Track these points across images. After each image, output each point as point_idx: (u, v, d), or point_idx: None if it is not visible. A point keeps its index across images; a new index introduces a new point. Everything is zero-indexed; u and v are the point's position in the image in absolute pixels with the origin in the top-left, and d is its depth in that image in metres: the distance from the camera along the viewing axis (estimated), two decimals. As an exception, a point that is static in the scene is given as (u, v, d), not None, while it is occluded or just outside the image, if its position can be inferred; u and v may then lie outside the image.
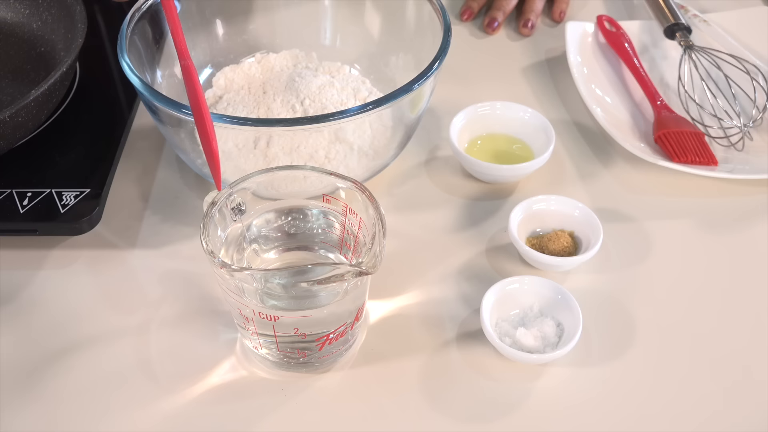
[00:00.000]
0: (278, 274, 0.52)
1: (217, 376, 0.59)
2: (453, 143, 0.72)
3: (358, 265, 0.51)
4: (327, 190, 0.58)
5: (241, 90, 0.75)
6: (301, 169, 0.57)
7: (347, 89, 0.75)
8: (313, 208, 0.59)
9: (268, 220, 0.59)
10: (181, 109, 0.62)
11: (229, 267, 0.52)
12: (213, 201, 0.56)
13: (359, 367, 0.59)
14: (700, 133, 0.75)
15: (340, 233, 0.59)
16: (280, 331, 0.54)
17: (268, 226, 0.59)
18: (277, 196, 0.60)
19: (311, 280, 0.51)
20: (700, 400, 0.58)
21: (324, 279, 0.50)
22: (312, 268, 0.52)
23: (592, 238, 0.65)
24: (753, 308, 0.64)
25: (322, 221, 0.59)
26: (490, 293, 0.60)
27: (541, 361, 0.58)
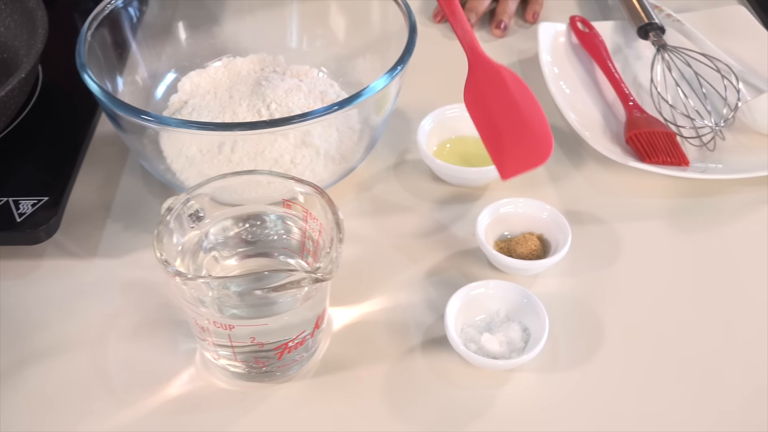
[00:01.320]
0: (234, 281, 0.51)
1: (175, 388, 0.57)
2: (421, 146, 0.70)
3: (314, 271, 0.49)
4: (289, 196, 0.57)
5: (206, 95, 0.74)
6: (258, 174, 0.55)
7: (315, 92, 0.73)
8: (272, 214, 0.57)
9: (226, 227, 0.58)
10: (140, 115, 0.60)
11: (183, 276, 0.50)
12: (169, 207, 0.54)
13: (322, 375, 0.58)
14: (672, 133, 0.73)
15: (301, 238, 0.57)
16: (237, 341, 0.53)
17: (227, 233, 0.58)
18: (239, 201, 0.59)
19: (265, 288, 0.49)
20: (668, 404, 0.56)
21: (278, 286, 0.49)
22: (269, 274, 0.51)
23: (560, 240, 0.64)
24: (722, 310, 0.62)
25: (280, 227, 0.58)
26: (454, 299, 0.59)
27: (506, 366, 0.57)
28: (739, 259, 0.66)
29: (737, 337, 0.60)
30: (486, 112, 0.61)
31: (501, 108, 0.61)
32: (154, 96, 0.74)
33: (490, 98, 0.61)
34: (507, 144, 0.60)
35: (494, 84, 0.61)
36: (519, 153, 0.60)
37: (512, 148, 0.60)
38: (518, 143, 0.60)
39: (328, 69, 0.77)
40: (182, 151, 0.67)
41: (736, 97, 0.74)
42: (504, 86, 0.61)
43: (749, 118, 0.74)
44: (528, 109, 0.60)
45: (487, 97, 0.61)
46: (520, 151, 0.60)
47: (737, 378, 0.58)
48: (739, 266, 0.66)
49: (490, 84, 0.61)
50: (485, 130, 0.61)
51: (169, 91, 0.75)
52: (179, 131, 0.63)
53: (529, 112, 0.60)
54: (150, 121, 0.60)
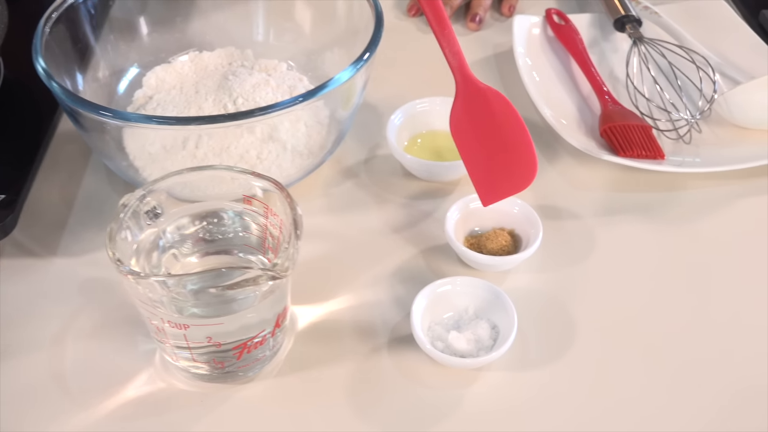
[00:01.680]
0: (188, 279, 0.49)
1: (133, 389, 0.55)
2: (390, 141, 0.69)
3: (270, 268, 0.48)
4: (249, 191, 0.55)
5: (172, 90, 0.72)
6: (215, 170, 0.54)
7: (283, 87, 0.72)
8: (230, 211, 0.56)
9: (184, 224, 0.56)
10: (99, 111, 0.59)
11: (136, 275, 0.48)
12: (123, 204, 0.53)
13: (285, 375, 0.56)
14: (647, 126, 0.72)
15: (261, 235, 0.56)
16: (193, 341, 0.51)
17: (185, 231, 0.56)
18: (199, 198, 0.57)
19: (220, 286, 0.48)
20: (641, 402, 0.55)
21: (233, 284, 0.47)
22: (226, 272, 0.49)
23: (532, 236, 0.62)
24: (698, 306, 0.61)
25: (238, 224, 0.56)
26: (421, 296, 0.57)
27: (474, 365, 0.55)
28: (715, 254, 0.65)
29: (713, 333, 0.59)
30: (471, 138, 0.61)
31: (487, 133, 0.61)
32: (117, 92, 0.72)
33: (476, 124, 0.61)
34: (491, 170, 0.60)
35: (481, 109, 0.61)
36: (502, 179, 0.60)
37: (495, 175, 0.60)
38: (502, 169, 0.60)
39: (297, 63, 0.76)
40: (145, 148, 0.65)
41: (712, 89, 0.73)
42: (491, 111, 0.61)
43: (725, 110, 0.72)
44: (513, 134, 0.60)
45: (473, 123, 0.61)
46: (503, 177, 0.60)
47: (712, 374, 0.56)
48: (715, 261, 0.64)
49: (477, 109, 0.61)
50: (469, 157, 0.61)
51: (132, 86, 0.73)
52: (138, 126, 0.61)
53: (515, 137, 0.60)
54: (107, 116, 0.58)
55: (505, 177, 0.60)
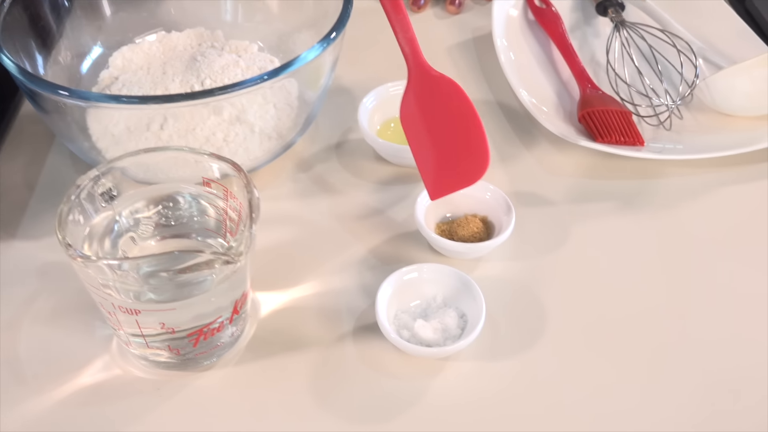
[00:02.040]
0: (140, 263, 0.47)
1: (88, 376, 0.54)
2: (362, 125, 0.67)
3: (224, 252, 0.46)
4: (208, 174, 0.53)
5: (139, 71, 0.70)
6: (172, 151, 0.52)
7: (253, 68, 0.70)
8: (186, 194, 0.54)
9: (141, 207, 0.54)
10: (57, 90, 0.57)
11: (86, 258, 0.47)
12: (77, 185, 0.51)
13: (245, 363, 0.55)
14: (627, 111, 0.70)
15: (220, 218, 0.54)
16: (146, 327, 0.49)
17: (142, 213, 0.54)
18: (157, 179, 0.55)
19: (172, 270, 0.46)
20: (614, 394, 0.53)
21: (185, 268, 0.45)
22: (179, 255, 0.48)
23: (504, 222, 0.61)
24: (677, 298, 0.59)
25: (195, 208, 0.54)
26: (386, 284, 0.56)
27: (440, 354, 0.54)
28: (695, 244, 0.63)
29: (690, 324, 0.57)
30: (422, 128, 0.59)
31: (438, 124, 0.59)
32: (80, 72, 0.71)
33: (428, 113, 0.59)
34: (440, 163, 0.58)
35: (434, 98, 0.59)
36: (451, 172, 0.59)
37: (445, 167, 0.59)
38: (452, 162, 0.58)
39: (268, 45, 0.74)
40: (109, 129, 0.63)
41: (693, 73, 0.71)
42: (443, 100, 0.59)
43: (707, 96, 0.71)
44: (466, 125, 0.58)
45: (425, 112, 0.59)
46: (453, 170, 0.58)
47: (690, 367, 0.55)
48: (695, 251, 0.63)
49: (429, 98, 0.59)
50: (418, 148, 0.59)
51: (97, 67, 0.71)
52: (97, 106, 0.59)
53: (468, 128, 0.58)
54: (65, 95, 0.57)
55: (455, 170, 0.58)
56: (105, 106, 0.58)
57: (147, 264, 0.47)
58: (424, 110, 0.59)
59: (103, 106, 0.59)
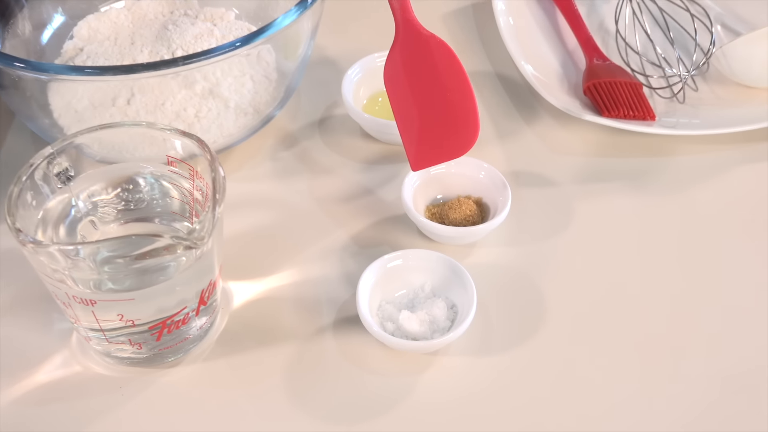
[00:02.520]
0: (94, 248, 0.46)
1: (45, 373, 0.53)
2: (346, 99, 0.66)
3: (186, 236, 0.45)
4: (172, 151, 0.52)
5: (105, 41, 0.69)
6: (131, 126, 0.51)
7: (229, 38, 0.69)
8: (148, 174, 0.53)
9: (98, 190, 0.53)
10: (14, 62, 0.56)
11: (37, 243, 0.46)
12: (30, 164, 0.50)
13: (215, 359, 0.54)
14: (637, 83, 0.69)
15: (187, 200, 0.53)
16: (103, 319, 0.48)
17: (101, 195, 0.53)
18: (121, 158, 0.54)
19: (129, 256, 0.45)
20: (617, 393, 0.52)
21: (142, 254, 0.44)
22: (136, 240, 0.47)
23: (500, 204, 0.59)
24: (689, 287, 0.58)
25: (157, 189, 0.53)
26: (368, 272, 0.54)
27: (427, 349, 0.53)
28: (710, 227, 0.62)
29: (702, 315, 0.56)
30: (407, 92, 0.58)
31: (425, 88, 0.57)
32: (40, 43, 0.69)
33: (414, 76, 0.58)
34: (426, 131, 0.57)
35: (422, 59, 0.57)
36: (437, 142, 0.57)
37: (430, 136, 0.57)
38: (438, 131, 0.57)
39: (246, 12, 0.72)
40: (71, 105, 0.63)
41: (709, 41, 0.70)
42: (432, 62, 0.57)
43: (724, 65, 0.69)
44: (456, 92, 0.57)
45: (411, 75, 0.58)
46: (439, 140, 0.57)
47: (699, 360, 0.54)
48: (710, 235, 0.61)
49: (417, 59, 0.58)
50: (402, 114, 0.58)
51: (60, 38, 0.70)
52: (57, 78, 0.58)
53: (457, 95, 0.57)
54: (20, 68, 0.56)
55: (441, 140, 0.57)
56: (65, 78, 0.57)
57: (102, 249, 0.46)
58: (410, 72, 0.57)
59: (64, 79, 0.58)
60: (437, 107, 0.57)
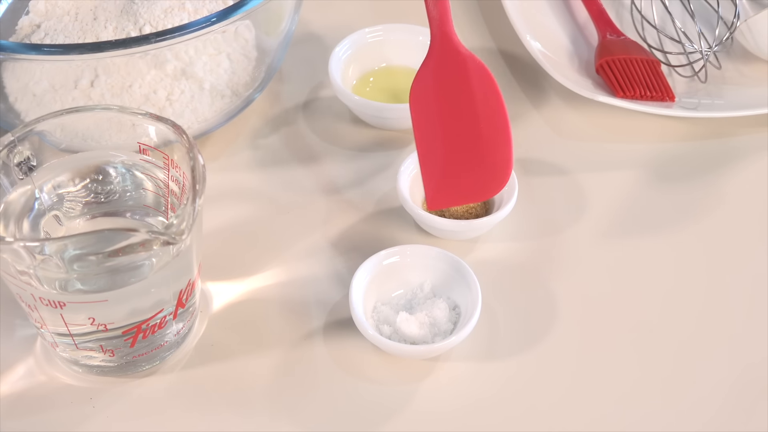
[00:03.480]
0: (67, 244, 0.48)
1: (7, 384, 0.55)
2: (334, 79, 0.68)
3: (163, 231, 0.46)
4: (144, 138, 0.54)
5: (65, 16, 0.71)
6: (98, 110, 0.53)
7: (202, 12, 0.70)
8: (118, 164, 0.54)
9: (65, 181, 0.55)
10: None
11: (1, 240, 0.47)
12: (-12, 153, 0.52)
13: (194, 367, 0.55)
14: (654, 60, 0.71)
15: (162, 192, 0.54)
16: (73, 323, 0.50)
17: (67, 187, 0.55)
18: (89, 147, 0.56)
19: (101, 253, 0.46)
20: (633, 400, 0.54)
21: (115, 250, 0.46)
22: (109, 235, 0.48)
23: (505, 195, 0.61)
24: (709, 284, 0.60)
25: (128, 180, 0.55)
26: (362, 270, 0.56)
27: (427, 354, 0.55)
28: (734, 220, 0.64)
29: (728, 318, 0.58)
30: (434, 116, 0.58)
31: (455, 114, 0.58)
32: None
33: (445, 98, 0.58)
34: (449, 164, 0.58)
35: (456, 81, 0.58)
36: (462, 179, 0.58)
37: (453, 171, 0.58)
38: (463, 165, 0.58)
39: (222, -17, 0.74)
40: (29, 87, 0.64)
41: (733, 13, 0.72)
42: (467, 86, 0.58)
43: (749, 40, 0.71)
44: (490, 122, 0.57)
45: (441, 97, 0.58)
46: (464, 177, 0.58)
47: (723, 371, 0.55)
48: (734, 228, 0.63)
49: (450, 80, 0.58)
50: (424, 140, 0.58)
51: (15, 13, 0.71)
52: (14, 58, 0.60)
53: (491, 127, 0.57)
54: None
55: (467, 176, 0.57)
56: (22, 57, 0.59)
57: (72, 246, 0.48)
58: (441, 94, 0.58)
59: (20, 58, 0.59)
60: (467, 138, 0.57)
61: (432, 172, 0.58)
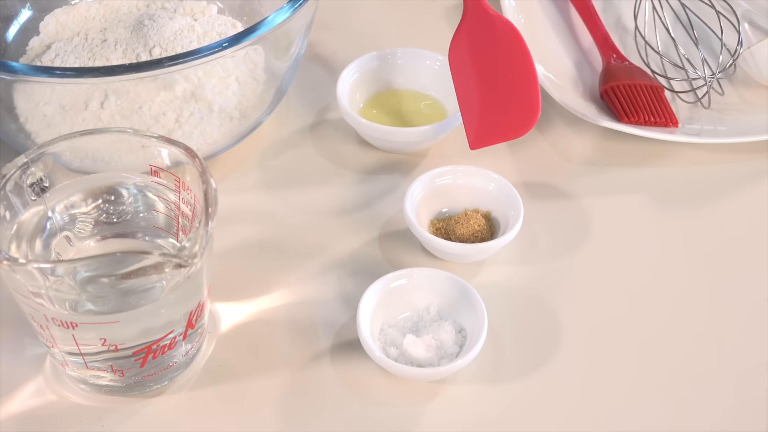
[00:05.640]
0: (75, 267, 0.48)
1: (18, 402, 0.55)
2: (342, 102, 0.68)
3: (176, 254, 0.47)
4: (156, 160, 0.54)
5: (75, 37, 0.72)
6: (110, 133, 0.53)
7: (212, 35, 0.71)
8: (130, 185, 0.55)
9: (76, 202, 0.55)
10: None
11: (13, 261, 0.48)
12: (2, 175, 0.52)
13: (202, 388, 0.56)
14: (658, 86, 0.72)
15: (172, 214, 0.55)
16: (84, 343, 0.51)
17: (79, 208, 0.56)
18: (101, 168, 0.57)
19: (113, 275, 0.47)
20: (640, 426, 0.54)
21: (128, 273, 0.46)
22: (122, 258, 0.49)
23: (511, 219, 0.62)
24: (717, 309, 0.61)
25: (140, 201, 0.55)
26: (370, 292, 0.57)
27: (434, 376, 0.55)
28: (736, 246, 0.65)
29: (733, 343, 0.59)
30: (470, 70, 0.65)
31: (488, 68, 0.65)
32: (5, 40, 0.72)
33: (478, 55, 0.65)
34: (485, 110, 0.65)
35: (488, 40, 0.65)
36: (497, 121, 0.65)
37: (490, 116, 0.64)
38: (498, 110, 0.64)
39: (230, 6, 0.75)
40: (39, 108, 0.65)
41: (736, 40, 0.73)
42: (497, 42, 0.65)
43: (752, 67, 0.72)
44: (519, 72, 0.64)
45: (475, 54, 0.65)
46: (499, 119, 0.65)
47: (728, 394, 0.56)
48: (735, 254, 0.64)
49: (483, 39, 0.65)
50: (463, 92, 0.65)
51: (26, 33, 0.72)
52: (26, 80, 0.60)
53: (520, 75, 0.64)
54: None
55: (501, 119, 0.64)
56: (33, 80, 0.59)
57: (85, 268, 0.48)
58: (475, 52, 0.65)
59: (32, 80, 0.60)
60: (500, 88, 0.64)
61: (471, 118, 0.65)
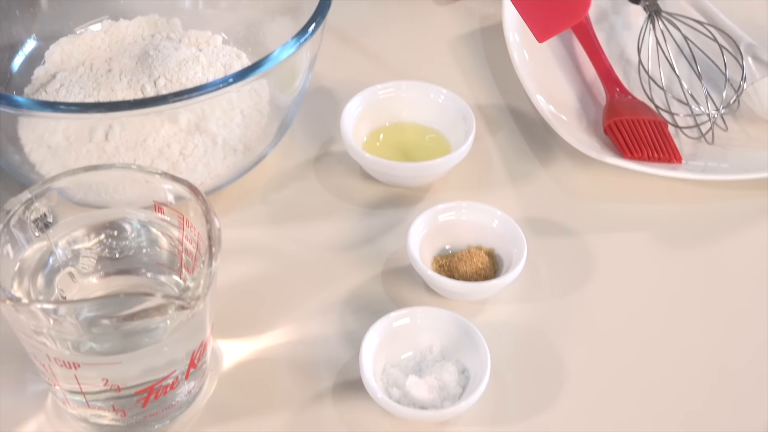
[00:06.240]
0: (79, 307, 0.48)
1: (18, 440, 0.55)
2: (346, 136, 0.68)
3: (178, 295, 0.47)
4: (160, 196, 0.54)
5: (80, 67, 0.72)
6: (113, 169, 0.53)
7: (216, 65, 0.72)
8: (134, 221, 0.55)
9: (78, 237, 0.55)
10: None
11: (16, 301, 0.47)
12: (6, 211, 0.52)
13: (204, 427, 0.55)
14: (662, 122, 0.72)
15: (176, 250, 0.55)
16: (86, 383, 0.50)
17: (82, 244, 0.55)
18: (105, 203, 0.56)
19: (115, 317, 0.47)
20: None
21: (130, 315, 0.46)
22: (125, 299, 0.49)
23: (515, 256, 0.62)
24: (720, 349, 0.60)
25: (144, 237, 0.55)
26: (372, 332, 0.57)
27: (437, 418, 0.55)
28: (742, 283, 0.64)
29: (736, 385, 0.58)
30: None
31: None
32: (10, 69, 0.72)
33: None
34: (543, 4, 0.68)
35: None
36: (554, 11, 0.67)
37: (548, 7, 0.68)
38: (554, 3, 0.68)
39: (235, 36, 0.75)
40: (44, 139, 0.65)
41: (740, 76, 0.73)
42: None
43: (756, 102, 0.72)
44: None
45: None
46: (556, 9, 0.67)
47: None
48: (741, 292, 0.64)
49: None
50: None
51: (31, 62, 0.73)
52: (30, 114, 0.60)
53: None
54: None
55: (558, 9, 0.67)
56: (38, 115, 0.59)
57: (87, 308, 0.48)
58: None
59: (36, 115, 0.60)
60: None
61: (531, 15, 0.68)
